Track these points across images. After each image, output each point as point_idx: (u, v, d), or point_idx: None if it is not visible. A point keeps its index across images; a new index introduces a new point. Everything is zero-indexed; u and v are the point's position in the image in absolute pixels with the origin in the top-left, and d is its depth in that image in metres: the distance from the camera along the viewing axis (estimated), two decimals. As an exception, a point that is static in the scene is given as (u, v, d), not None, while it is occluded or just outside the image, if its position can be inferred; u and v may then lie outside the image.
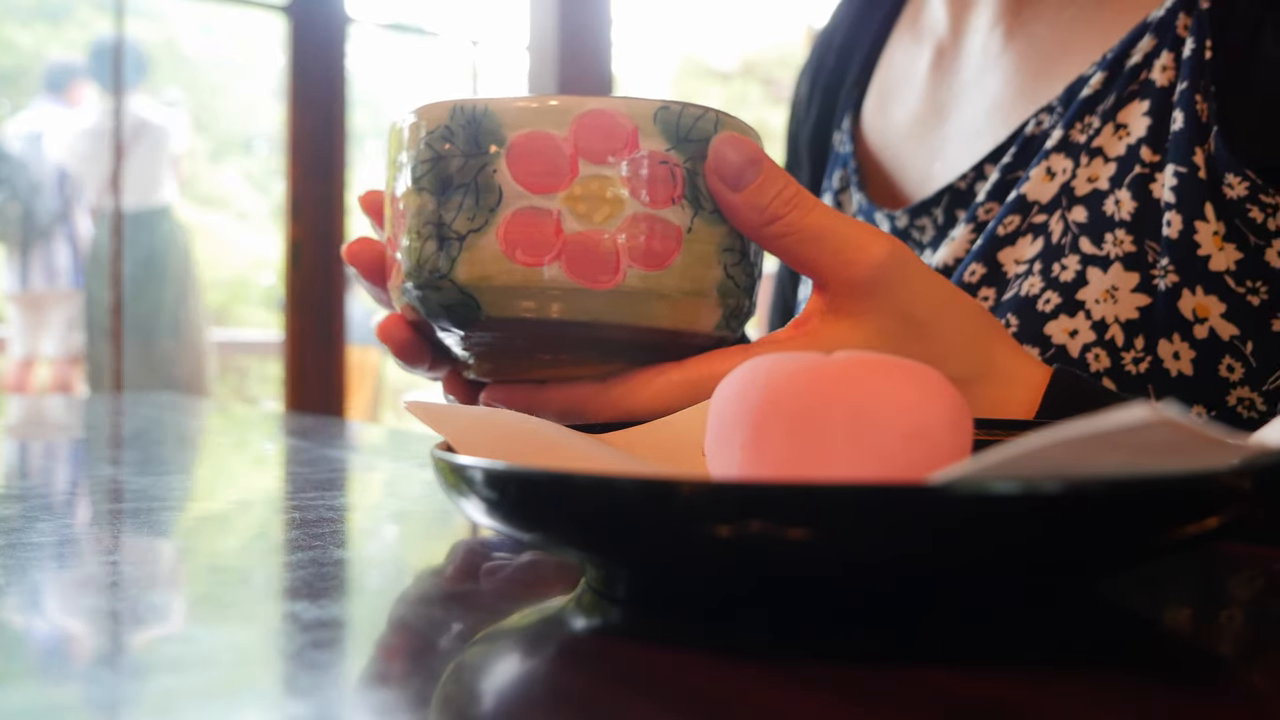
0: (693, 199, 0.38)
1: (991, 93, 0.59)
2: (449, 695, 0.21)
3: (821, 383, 0.27)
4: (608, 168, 0.37)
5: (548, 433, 0.34)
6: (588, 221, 0.37)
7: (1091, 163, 0.50)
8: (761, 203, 0.38)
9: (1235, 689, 0.22)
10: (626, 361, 0.40)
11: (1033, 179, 0.52)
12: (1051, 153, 0.52)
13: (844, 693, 0.20)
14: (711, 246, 0.39)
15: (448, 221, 0.38)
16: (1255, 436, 0.28)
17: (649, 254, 0.37)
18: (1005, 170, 0.54)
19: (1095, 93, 0.51)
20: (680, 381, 0.38)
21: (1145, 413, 0.20)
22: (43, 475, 0.60)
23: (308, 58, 2.47)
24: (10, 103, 4.30)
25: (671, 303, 0.38)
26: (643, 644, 0.24)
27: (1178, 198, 0.47)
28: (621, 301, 0.37)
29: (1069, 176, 0.51)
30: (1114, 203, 0.49)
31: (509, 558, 0.34)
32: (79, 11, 4.70)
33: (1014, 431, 0.36)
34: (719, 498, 0.22)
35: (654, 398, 0.39)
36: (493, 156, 0.37)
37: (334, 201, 2.48)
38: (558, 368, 0.40)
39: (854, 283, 0.38)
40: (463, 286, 0.38)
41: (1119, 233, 0.48)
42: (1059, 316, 0.49)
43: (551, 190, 0.37)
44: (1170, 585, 0.30)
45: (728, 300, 0.40)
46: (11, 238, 3.12)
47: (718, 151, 0.38)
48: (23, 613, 0.28)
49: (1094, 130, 0.51)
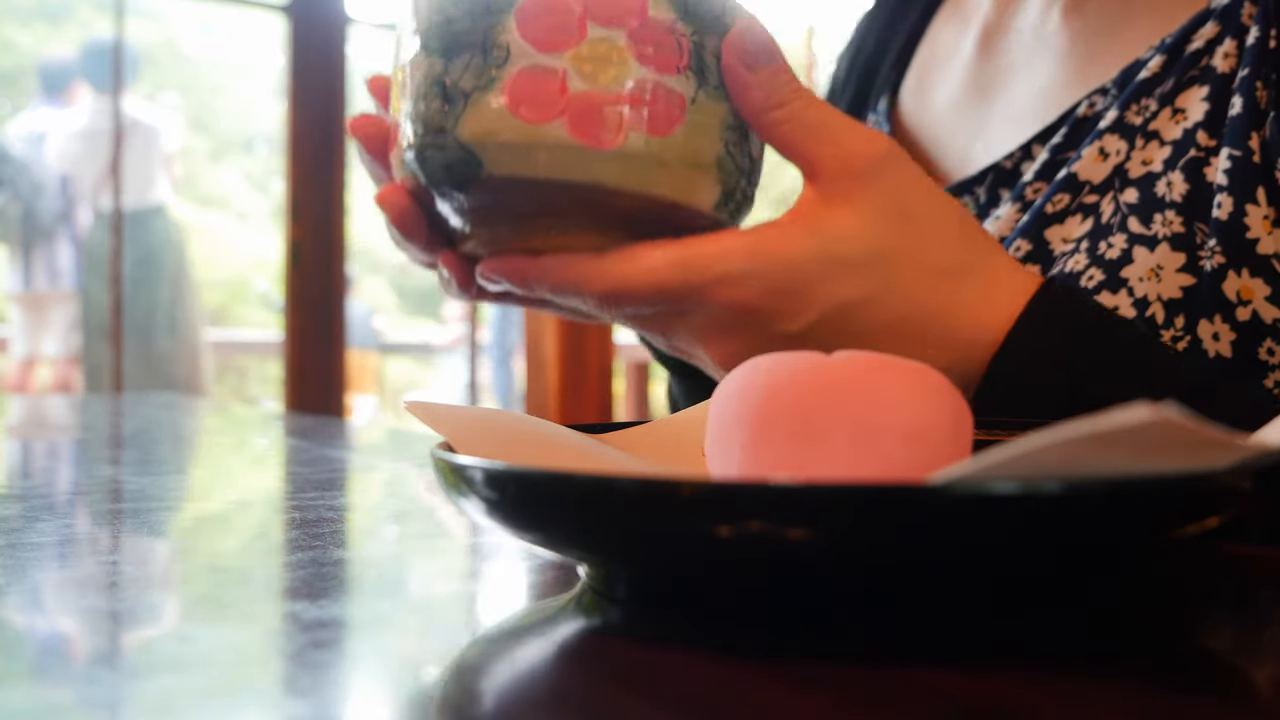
0: (698, 71, 0.39)
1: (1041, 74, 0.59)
2: (449, 695, 0.21)
3: (822, 383, 0.27)
4: (616, 30, 0.38)
5: (548, 433, 0.34)
6: (593, 82, 0.37)
7: (1147, 145, 0.50)
8: (773, 85, 0.39)
9: (1235, 689, 0.22)
10: (624, 237, 0.40)
11: (1085, 159, 0.52)
12: (1105, 133, 0.52)
13: (844, 693, 0.20)
14: (714, 121, 0.39)
15: (454, 80, 0.38)
16: (1255, 436, 0.28)
17: (653, 119, 0.38)
18: (1055, 150, 0.54)
19: (1153, 76, 0.51)
20: (676, 258, 0.38)
21: (1145, 413, 0.20)
22: (43, 475, 0.60)
23: (308, 58, 2.47)
24: (10, 103, 4.29)
25: (672, 172, 0.38)
26: (643, 644, 0.24)
27: (1230, 180, 0.47)
28: (623, 164, 0.38)
29: (1123, 158, 0.51)
30: (1166, 184, 0.49)
31: (509, 558, 0.34)
32: (79, 11, 4.70)
33: (1014, 431, 0.36)
34: (719, 498, 0.22)
35: (648, 270, 0.38)
36: (502, 16, 0.38)
37: (334, 201, 2.48)
38: (555, 236, 0.40)
39: (852, 171, 0.39)
40: (465, 144, 0.38)
41: (1169, 214, 0.48)
42: (1101, 292, 0.49)
43: (559, 49, 0.37)
44: (1170, 585, 0.30)
45: (727, 179, 0.40)
46: (13, 238, 3.12)
47: (745, 29, 0.39)
48: (23, 613, 0.28)
49: (1151, 113, 0.51)
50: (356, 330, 3.96)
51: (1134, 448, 0.21)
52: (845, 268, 0.38)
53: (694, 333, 0.40)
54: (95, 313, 2.81)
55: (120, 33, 2.59)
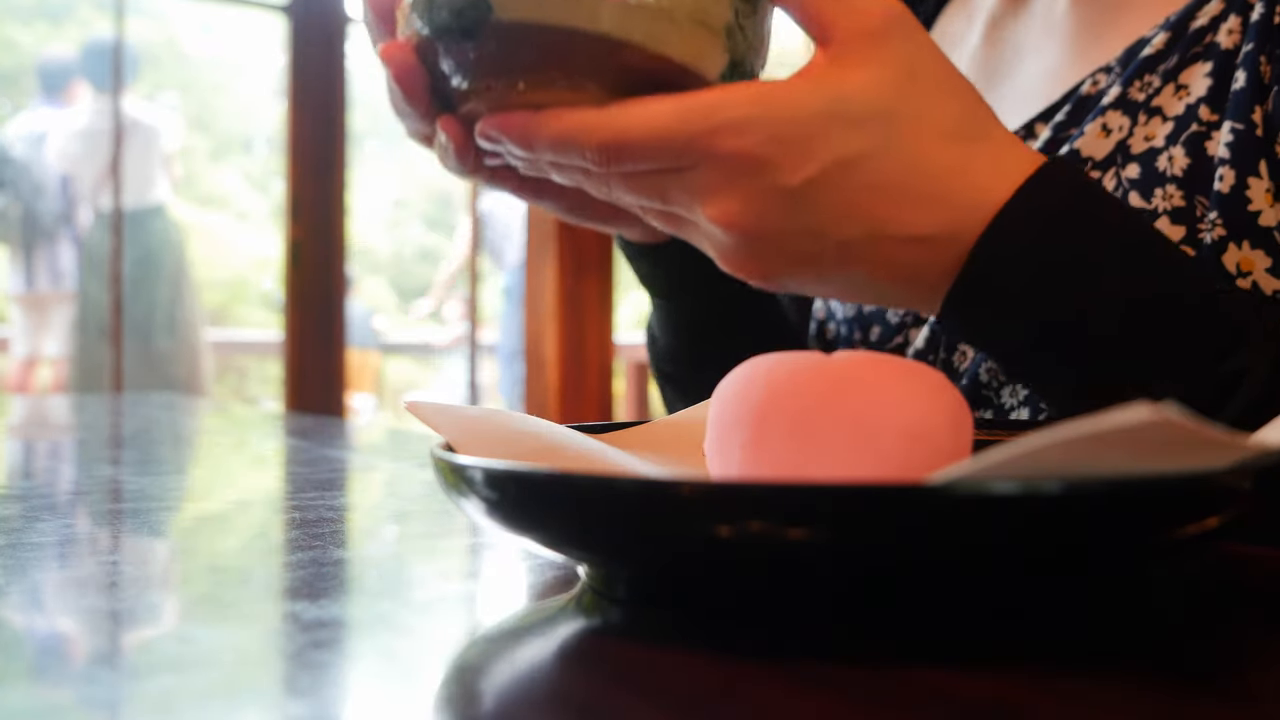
0: None
1: (1047, 57, 0.59)
2: (449, 695, 0.21)
3: (822, 383, 0.27)
4: None
5: (548, 433, 0.34)
6: None
7: (1150, 121, 0.50)
8: None
9: (1235, 689, 0.22)
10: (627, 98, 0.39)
11: (1087, 135, 0.52)
12: (1108, 109, 0.52)
13: (844, 693, 0.20)
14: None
15: None
16: (1255, 436, 0.28)
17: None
18: (1057, 129, 0.54)
19: (1157, 52, 0.51)
20: (678, 106, 0.38)
21: (1145, 413, 0.20)
22: (43, 475, 0.60)
23: (308, 58, 2.47)
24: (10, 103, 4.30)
25: (680, 30, 0.38)
26: (643, 644, 0.24)
27: (1232, 153, 0.47)
28: (633, 15, 0.37)
29: (1125, 134, 0.51)
30: (1167, 159, 0.49)
31: (509, 558, 0.34)
32: (79, 11, 4.70)
33: (1014, 432, 0.36)
34: (719, 498, 0.22)
35: (650, 117, 0.38)
36: None
37: (334, 201, 2.48)
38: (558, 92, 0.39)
39: (864, 30, 0.38)
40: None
41: (1169, 188, 0.48)
42: None
43: None
44: (1170, 585, 0.30)
45: (735, 49, 0.40)
46: (14, 239, 3.12)
47: None
48: (23, 613, 0.28)
49: (1154, 89, 0.51)
50: (356, 330, 3.96)
51: (1134, 448, 0.21)
52: (848, 122, 0.38)
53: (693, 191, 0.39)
54: (93, 312, 2.81)
55: (120, 32, 2.59)
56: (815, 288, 0.42)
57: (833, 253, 0.39)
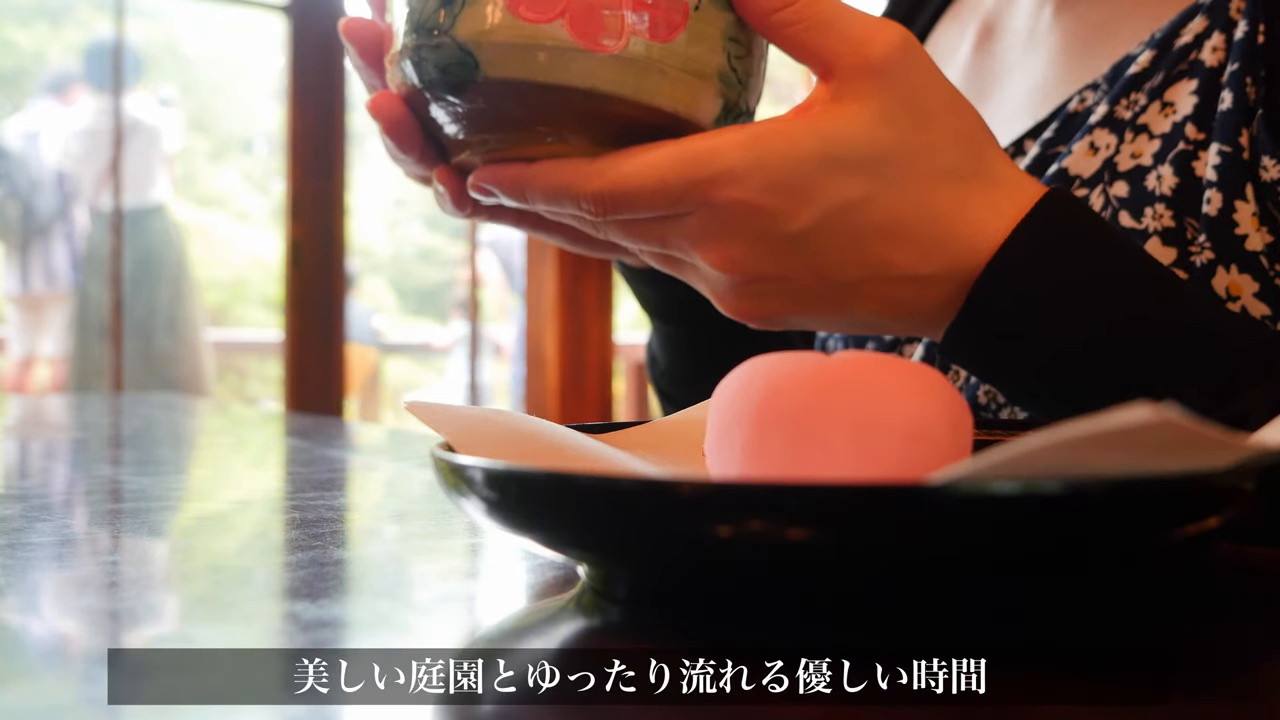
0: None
1: (1034, 73, 0.59)
2: (449, 695, 0.21)
3: (822, 383, 0.27)
4: None
5: (548, 433, 0.34)
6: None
7: (1136, 139, 0.50)
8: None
9: (1235, 689, 0.22)
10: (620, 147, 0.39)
11: (1075, 153, 0.52)
12: (1096, 128, 0.52)
13: (844, 693, 0.20)
14: (717, 30, 0.38)
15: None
16: (1255, 436, 0.28)
17: (654, 24, 0.37)
18: (1045, 145, 0.54)
19: (1143, 70, 0.51)
20: (674, 153, 0.37)
21: (1145, 413, 0.20)
22: (43, 475, 0.60)
23: (307, 58, 2.47)
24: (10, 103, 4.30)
25: (672, 81, 0.38)
26: (643, 644, 0.24)
27: (1220, 176, 0.47)
28: (623, 70, 0.37)
29: (1112, 152, 0.51)
30: (1155, 178, 0.49)
31: (509, 558, 0.34)
32: (79, 11, 4.70)
33: (1014, 432, 0.36)
34: (719, 498, 0.22)
35: (646, 167, 0.37)
36: None
37: (334, 201, 2.48)
38: (550, 145, 0.39)
39: (866, 65, 0.38)
40: (462, 43, 0.37)
41: (1159, 207, 0.48)
42: None
43: None
44: (1170, 585, 0.30)
45: (728, 92, 0.39)
46: (11, 237, 3.12)
47: None
48: (23, 613, 0.28)
49: (1140, 107, 0.51)
50: (356, 330, 3.96)
51: (1134, 448, 0.21)
52: (846, 167, 0.37)
53: (691, 237, 0.39)
54: (91, 311, 2.81)
55: (120, 33, 2.59)
56: (814, 326, 0.42)
57: (832, 294, 0.39)
